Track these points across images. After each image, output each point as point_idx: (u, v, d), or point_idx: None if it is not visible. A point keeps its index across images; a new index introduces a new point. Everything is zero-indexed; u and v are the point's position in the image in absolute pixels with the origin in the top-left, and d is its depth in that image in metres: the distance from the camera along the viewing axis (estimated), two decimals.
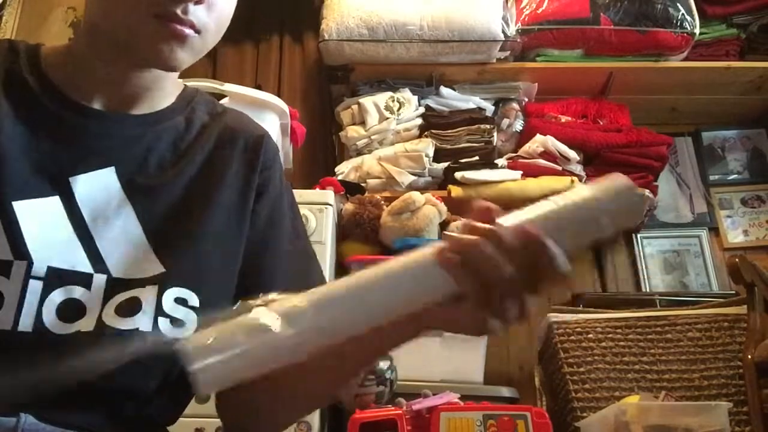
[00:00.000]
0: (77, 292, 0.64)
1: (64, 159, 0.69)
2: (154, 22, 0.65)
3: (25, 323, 0.61)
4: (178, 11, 0.64)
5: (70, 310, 0.63)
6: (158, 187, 0.72)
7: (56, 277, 0.63)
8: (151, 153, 0.73)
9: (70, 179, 0.68)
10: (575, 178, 2.15)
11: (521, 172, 2.16)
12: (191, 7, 0.65)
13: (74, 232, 0.66)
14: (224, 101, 1.89)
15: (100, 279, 0.65)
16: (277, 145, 0.85)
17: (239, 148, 0.79)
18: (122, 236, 0.68)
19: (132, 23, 0.65)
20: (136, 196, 0.70)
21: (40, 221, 0.65)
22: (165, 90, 0.77)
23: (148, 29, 0.65)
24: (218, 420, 0.80)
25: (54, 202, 0.67)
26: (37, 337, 0.61)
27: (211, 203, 0.74)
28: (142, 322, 0.65)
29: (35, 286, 0.62)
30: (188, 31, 0.66)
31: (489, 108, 2.35)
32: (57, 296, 0.63)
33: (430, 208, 1.96)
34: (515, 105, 2.37)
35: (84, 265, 0.65)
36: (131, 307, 0.65)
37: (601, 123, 2.36)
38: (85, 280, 0.65)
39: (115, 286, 0.66)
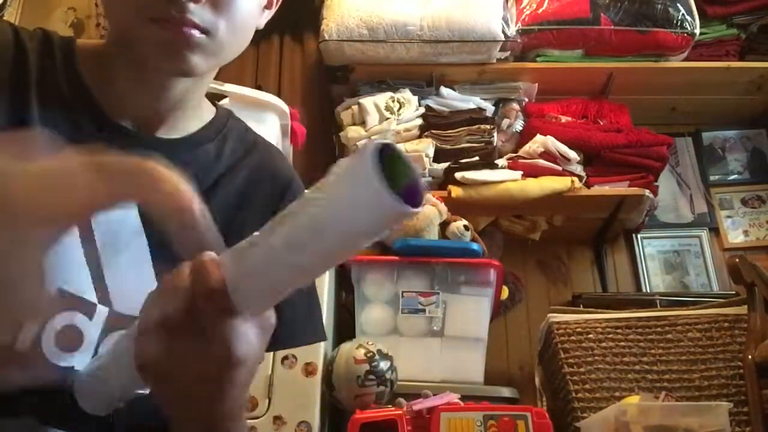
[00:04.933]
0: (79, 320, 0.61)
1: None
2: (154, 27, 0.61)
3: (24, 341, 0.58)
4: (174, 12, 0.61)
5: (69, 338, 0.60)
6: None
7: (63, 300, 0.60)
8: None
9: None
10: (575, 179, 2.14)
11: (521, 172, 2.16)
12: (191, 6, 0.61)
13: (84, 256, 0.63)
14: (224, 101, 1.89)
15: (102, 311, 0.62)
16: (303, 186, 0.80)
17: (266, 192, 0.75)
18: (131, 268, 0.65)
19: (134, 30, 0.62)
20: (152, 227, 0.66)
21: None
22: (193, 108, 0.73)
23: (149, 35, 0.62)
24: None
25: None
26: (32, 360, 0.58)
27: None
28: None
29: None
30: (192, 32, 0.62)
31: (489, 108, 2.34)
32: (60, 320, 0.60)
33: (430, 208, 1.95)
34: (515, 105, 2.37)
35: (90, 294, 0.62)
36: None
37: (602, 123, 2.36)
38: (88, 309, 0.62)
39: (115, 320, 0.63)
